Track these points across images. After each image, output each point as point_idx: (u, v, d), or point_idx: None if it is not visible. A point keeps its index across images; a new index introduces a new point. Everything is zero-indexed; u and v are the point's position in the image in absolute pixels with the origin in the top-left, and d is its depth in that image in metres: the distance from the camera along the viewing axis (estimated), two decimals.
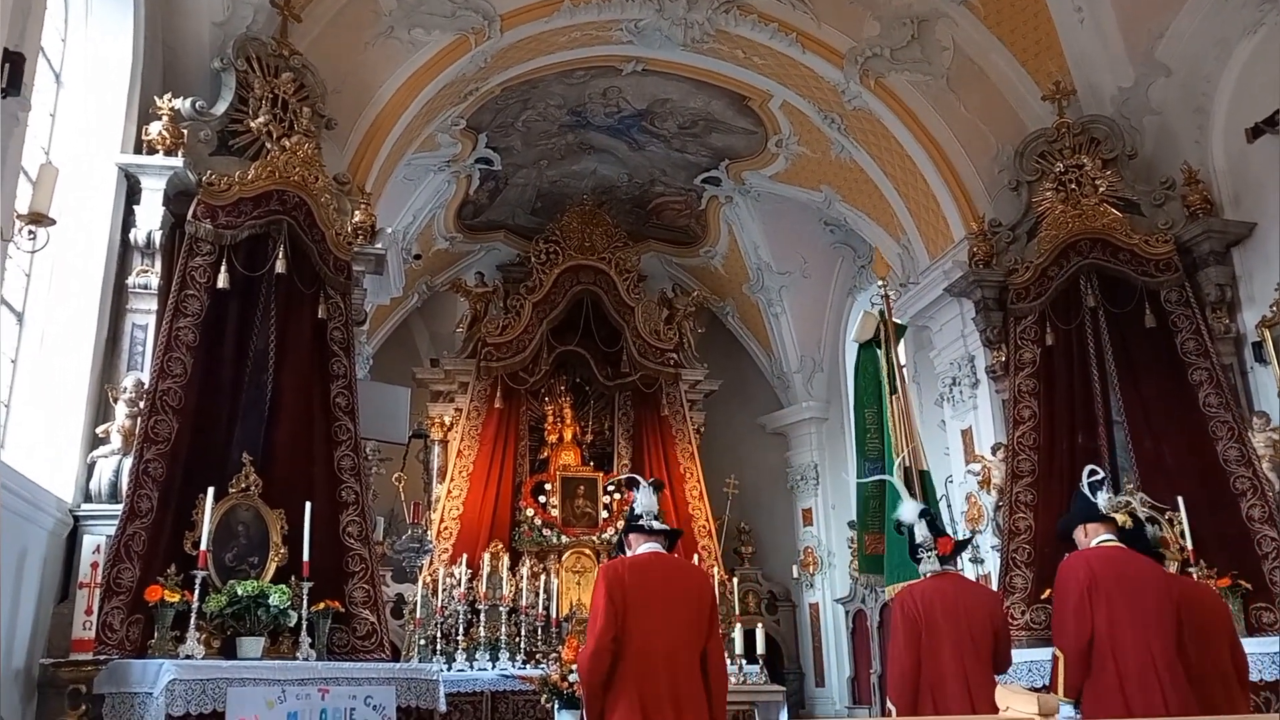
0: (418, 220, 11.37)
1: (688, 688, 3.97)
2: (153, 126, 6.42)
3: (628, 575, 4.07)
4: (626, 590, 4.00)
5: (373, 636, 6.23)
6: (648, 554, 4.25)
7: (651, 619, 3.99)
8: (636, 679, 3.91)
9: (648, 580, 4.08)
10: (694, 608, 4.12)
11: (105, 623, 5.26)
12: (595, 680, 3.94)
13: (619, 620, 3.96)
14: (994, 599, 4.73)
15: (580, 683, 4.10)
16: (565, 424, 12.01)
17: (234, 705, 5.15)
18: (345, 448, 6.63)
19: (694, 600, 4.14)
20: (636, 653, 3.94)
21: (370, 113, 8.05)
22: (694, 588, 4.21)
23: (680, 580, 4.19)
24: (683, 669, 3.99)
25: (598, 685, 3.94)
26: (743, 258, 12.89)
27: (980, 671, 4.37)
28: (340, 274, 6.98)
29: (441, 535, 10.75)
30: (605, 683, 3.94)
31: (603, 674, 3.93)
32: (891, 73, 8.93)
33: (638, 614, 3.98)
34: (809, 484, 13.21)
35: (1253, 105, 7.42)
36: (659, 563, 4.22)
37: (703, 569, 4.47)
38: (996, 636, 4.53)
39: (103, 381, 6.09)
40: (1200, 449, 7.18)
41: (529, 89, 9.82)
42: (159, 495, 5.76)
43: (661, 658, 3.96)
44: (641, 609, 3.99)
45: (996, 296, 8.31)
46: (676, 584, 4.15)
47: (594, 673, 3.94)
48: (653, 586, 4.07)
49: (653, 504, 4.40)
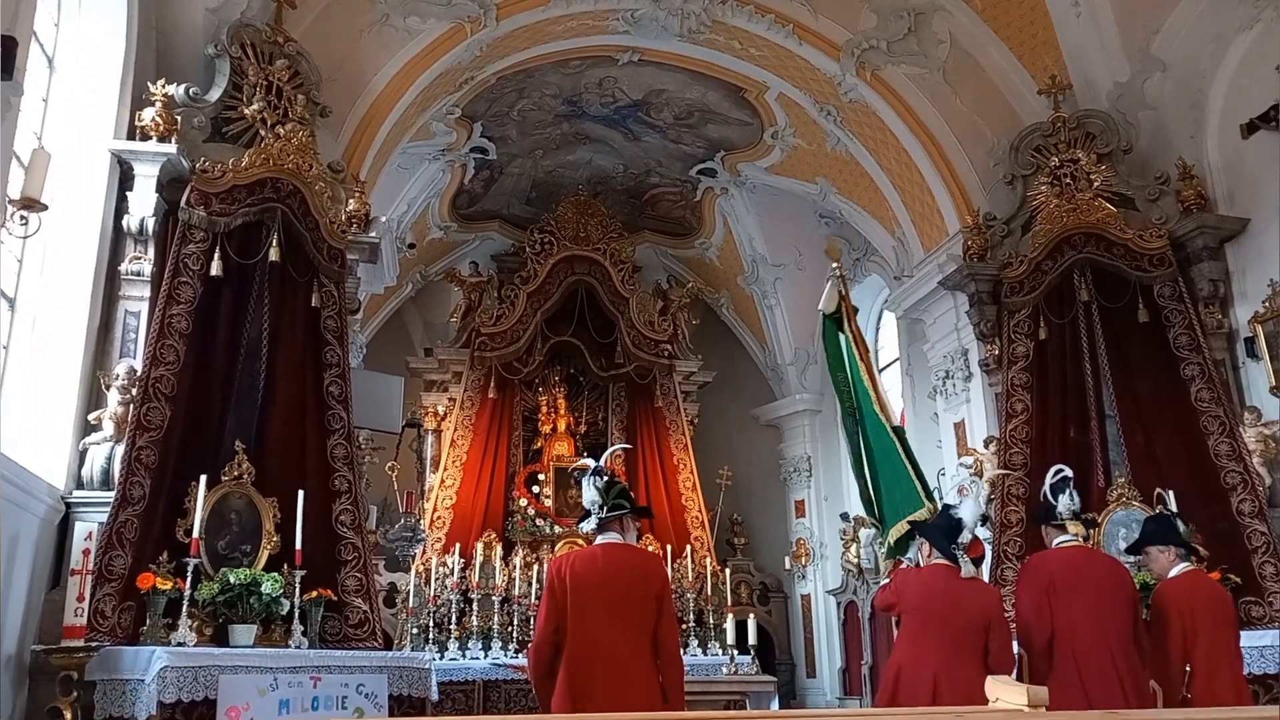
0: (412, 209, 11.34)
1: (627, 675, 4.09)
2: (146, 112, 6.39)
3: (569, 570, 4.25)
4: (566, 585, 4.20)
5: (365, 625, 6.23)
6: (596, 546, 4.39)
7: (591, 610, 4.16)
8: (569, 667, 4.10)
9: (589, 573, 4.23)
10: (639, 596, 4.23)
11: (97, 610, 5.26)
12: (538, 672, 4.24)
13: (558, 615, 4.18)
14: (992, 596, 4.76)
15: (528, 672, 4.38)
16: (559, 414, 12.01)
17: (226, 693, 5.15)
18: (338, 436, 6.62)
19: (639, 588, 4.25)
20: (574, 643, 4.14)
21: (365, 101, 8.02)
22: (639, 576, 4.30)
23: (623, 570, 4.28)
24: (623, 656, 4.12)
25: (541, 675, 4.22)
26: (737, 249, 12.89)
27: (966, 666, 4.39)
28: (334, 262, 6.96)
29: (435, 525, 10.75)
30: (548, 672, 4.18)
31: (545, 665, 4.20)
32: (888, 65, 8.93)
33: (579, 607, 4.16)
34: (802, 476, 13.24)
35: (1248, 101, 7.43)
36: (606, 554, 4.32)
37: (654, 555, 4.54)
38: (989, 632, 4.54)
39: (95, 368, 6.07)
40: (1191, 443, 7.21)
41: (525, 78, 9.79)
42: (151, 483, 5.74)
43: (602, 647, 4.11)
44: (581, 602, 4.17)
45: (990, 290, 8.33)
46: (618, 574, 4.25)
47: (536, 664, 4.25)
48: (593, 578, 4.21)
49: (594, 496, 4.45)
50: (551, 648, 4.17)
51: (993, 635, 4.47)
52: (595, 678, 4.05)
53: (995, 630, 4.49)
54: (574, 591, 4.17)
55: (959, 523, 4.72)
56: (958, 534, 4.70)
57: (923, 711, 3.22)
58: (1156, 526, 5.26)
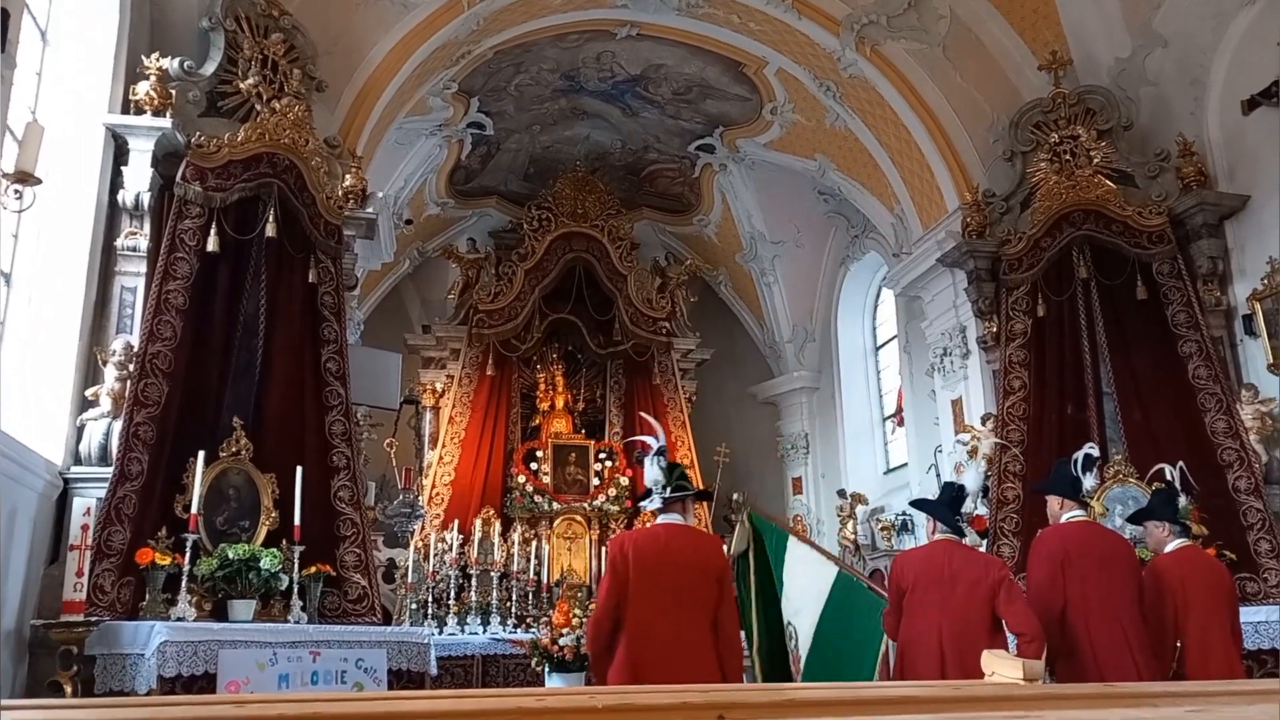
0: (409, 185, 11.28)
1: (688, 655, 4.09)
2: (140, 86, 6.33)
3: (631, 548, 4.25)
4: (629, 562, 4.19)
5: (364, 600, 6.25)
6: (660, 525, 4.41)
7: (653, 589, 4.16)
8: (631, 644, 4.10)
9: (654, 552, 4.24)
10: (701, 578, 4.24)
11: (96, 585, 5.27)
12: (597, 645, 4.24)
13: (620, 591, 4.18)
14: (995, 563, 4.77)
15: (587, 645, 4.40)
16: (557, 391, 12.02)
17: (225, 667, 5.18)
18: (336, 413, 6.61)
19: (698, 570, 4.25)
20: (635, 620, 4.13)
21: (361, 75, 7.96)
22: (702, 559, 4.31)
23: (687, 552, 4.29)
24: (684, 635, 4.13)
25: (600, 649, 4.23)
26: (736, 226, 12.85)
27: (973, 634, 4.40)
28: (331, 238, 6.93)
29: (433, 501, 10.78)
30: (607, 647, 4.18)
31: (604, 639, 4.20)
32: (888, 40, 8.87)
33: (641, 585, 4.16)
34: (799, 453, 13.27)
35: (1249, 77, 7.39)
36: (668, 534, 4.33)
37: (715, 538, 4.56)
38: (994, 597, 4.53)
39: (91, 344, 6.05)
40: (1188, 420, 7.23)
41: (522, 53, 9.71)
42: (149, 458, 5.74)
43: (662, 626, 4.11)
44: (645, 580, 4.17)
45: (989, 267, 8.31)
46: (682, 556, 4.26)
47: (595, 639, 4.25)
48: (658, 558, 4.22)
49: (658, 475, 4.47)
50: (612, 622, 4.18)
51: (1003, 598, 4.42)
52: (655, 656, 4.06)
53: (1005, 593, 4.45)
54: (637, 569, 4.18)
55: (962, 490, 4.78)
56: (961, 503, 4.74)
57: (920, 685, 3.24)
58: (1157, 501, 5.30)
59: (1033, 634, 4.35)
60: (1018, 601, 4.47)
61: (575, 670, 6.92)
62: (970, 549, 4.67)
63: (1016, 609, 4.42)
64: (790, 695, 1.07)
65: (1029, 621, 4.38)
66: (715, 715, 1.06)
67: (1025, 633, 4.34)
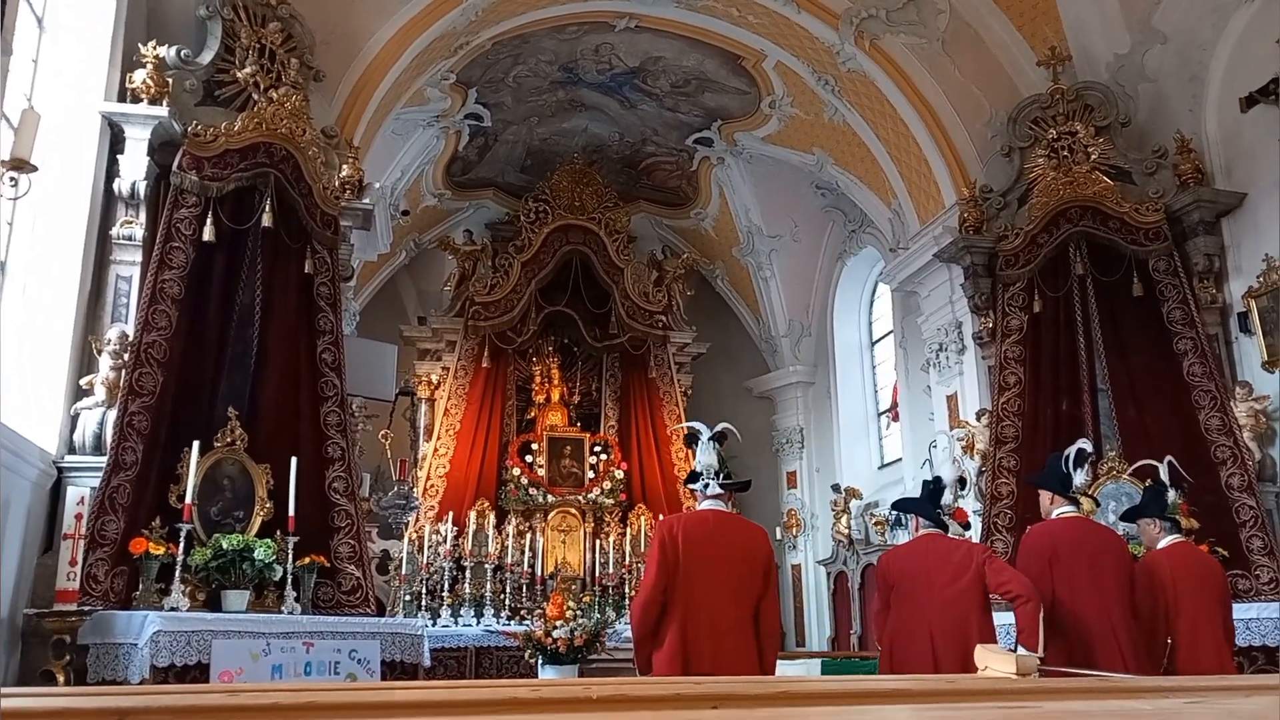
0: (406, 176, 11.25)
1: (733, 641, 4.07)
2: (137, 74, 6.31)
3: (680, 531, 4.19)
4: (679, 546, 4.14)
5: (358, 592, 6.26)
6: (707, 510, 4.35)
7: (702, 574, 4.11)
8: (681, 629, 4.05)
9: (702, 536, 4.20)
10: (747, 565, 4.20)
11: (89, 574, 5.26)
12: (644, 630, 4.15)
13: (668, 574, 4.11)
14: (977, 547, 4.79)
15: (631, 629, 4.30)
16: (552, 384, 12.01)
17: (219, 657, 5.18)
18: (331, 404, 6.61)
19: (747, 558, 4.22)
20: (684, 605, 4.08)
21: (359, 65, 7.93)
22: (748, 546, 4.27)
23: (736, 538, 4.26)
24: (729, 623, 4.09)
25: (646, 634, 4.14)
26: (733, 220, 12.83)
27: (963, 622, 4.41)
28: (327, 229, 6.92)
29: (428, 493, 10.78)
30: (654, 631, 4.12)
31: (651, 623, 4.12)
32: (887, 35, 8.85)
33: (689, 569, 4.11)
34: (794, 447, 13.27)
35: (1248, 74, 7.39)
36: (716, 520, 4.29)
37: (762, 529, 4.53)
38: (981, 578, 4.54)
39: (86, 333, 6.04)
40: (1183, 417, 7.24)
41: (520, 44, 9.68)
42: (143, 448, 5.74)
43: (708, 611, 4.08)
44: (693, 564, 4.12)
45: (985, 263, 8.31)
46: (730, 542, 4.23)
47: (643, 623, 4.15)
48: (706, 543, 4.18)
49: (713, 460, 4.44)
50: (659, 606, 4.11)
51: (989, 572, 4.43)
52: (706, 644, 4.02)
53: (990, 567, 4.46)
54: (686, 553, 4.12)
55: (939, 481, 4.77)
56: (940, 495, 4.74)
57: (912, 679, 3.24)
58: (1148, 498, 5.31)
59: (1028, 594, 4.36)
60: (1005, 570, 4.50)
61: (569, 663, 6.93)
62: (952, 540, 4.67)
63: (1005, 577, 4.44)
64: (784, 687, 1.07)
65: (1022, 584, 4.39)
66: (710, 706, 1.06)
67: (1020, 594, 4.36)
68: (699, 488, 4.41)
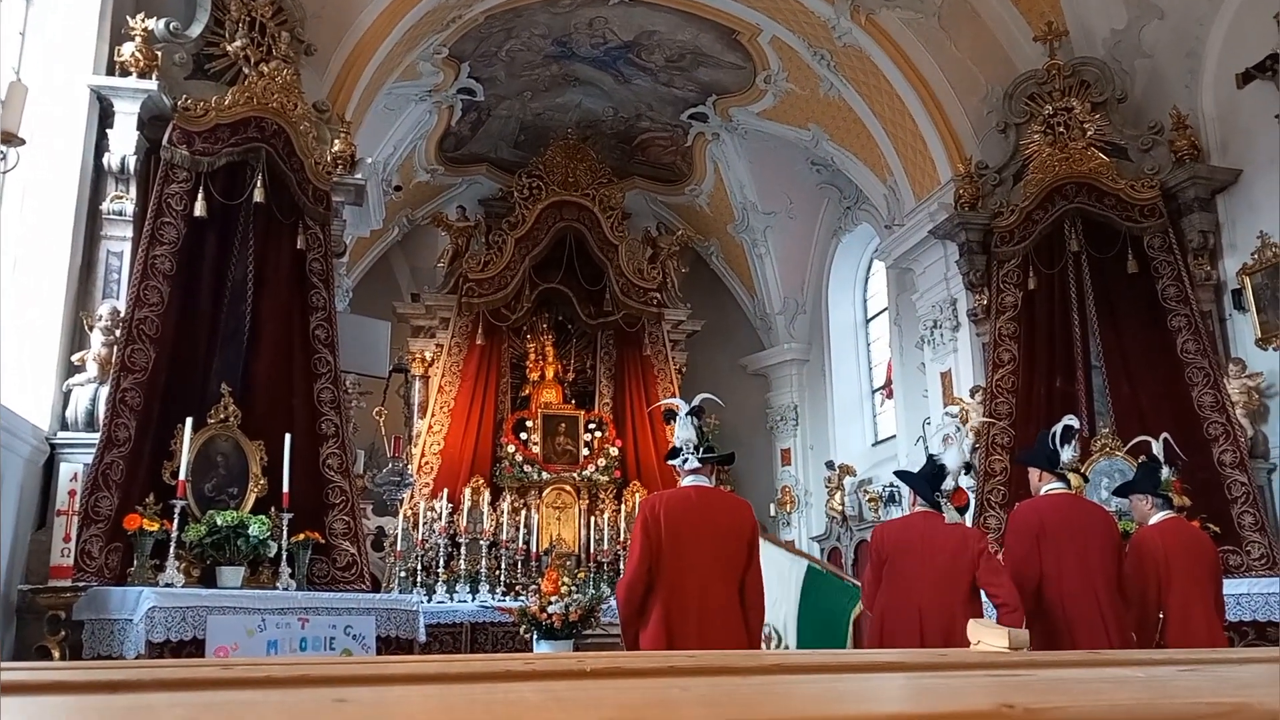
0: (398, 151, 11.18)
1: (720, 618, 4.06)
2: (125, 47, 6.24)
3: (663, 509, 4.17)
4: (661, 524, 4.12)
5: (353, 568, 6.26)
6: (689, 487, 4.32)
7: (686, 551, 4.10)
8: (666, 607, 4.04)
9: (685, 513, 4.17)
10: (731, 540, 4.19)
11: (84, 550, 5.27)
12: (630, 608, 4.13)
13: (652, 552, 4.10)
14: (973, 534, 4.80)
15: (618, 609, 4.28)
16: (547, 362, 12.00)
17: (214, 633, 5.19)
18: (325, 380, 6.59)
19: (731, 533, 4.21)
20: (669, 583, 4.07)
21: (350, 39, 7.85)
22: (732, 521, 4.26)
23: (719, 514, 4.24)
24: (716, 599, 4.09)
25: (632, 613, 4.13)
26: (728, 197, 12.79)
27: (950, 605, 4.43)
28: (319, 204, 6.87)
29: (422, 470, 10.78)
30: (640, 610, 4.10)
31: (636, 602, 4.11)
32: (883, 9, 8.79)
33: (673, 546, 4.10)
34: (788, 425, 13.30)
35: (1244, 50, 7.36)
36: (698, 496, 4.27)
37: (745, 502, 4.50)
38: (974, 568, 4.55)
39: (77, 309, 6.01)
40: (1176, 394, 7.26)
41: (513, 17, 9.60)
42: (137, 424, 5.72)
43: (694, 587, 4.07)
44: (677, 541, 4.11)
45: (980, 240, 8.30)
46: (714, 517, 4.21)
47: (628, 602, 4.13)
48: (689, 519, 4.16)
49: (691, 435, 4.39)
50: (644, 585, 4.10)
51: (983, 569, 4.44)
52: (690, 620, 4.02)
53: (983, 564, 4.46)
54: (669, 531, 4.11)
55: (942, 469, 4.76)
56: (941, 480, 4.73)
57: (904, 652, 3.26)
58: (1140, 475, 5.33)
59: (1014, 604, 4.37)
60: (999, 573, 4.49)
61: (564, 638, 6.97)
62: (949, 525, 4.67)
63: (998, 580, 4.44)
64: (777, 660, 1.07)
65: (1010, 592, 4.39)
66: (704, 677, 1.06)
67: (1008, 603, 4.36)
68: (678, 463, 4.38)
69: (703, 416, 4.54)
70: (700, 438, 4.40)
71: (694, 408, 4.52)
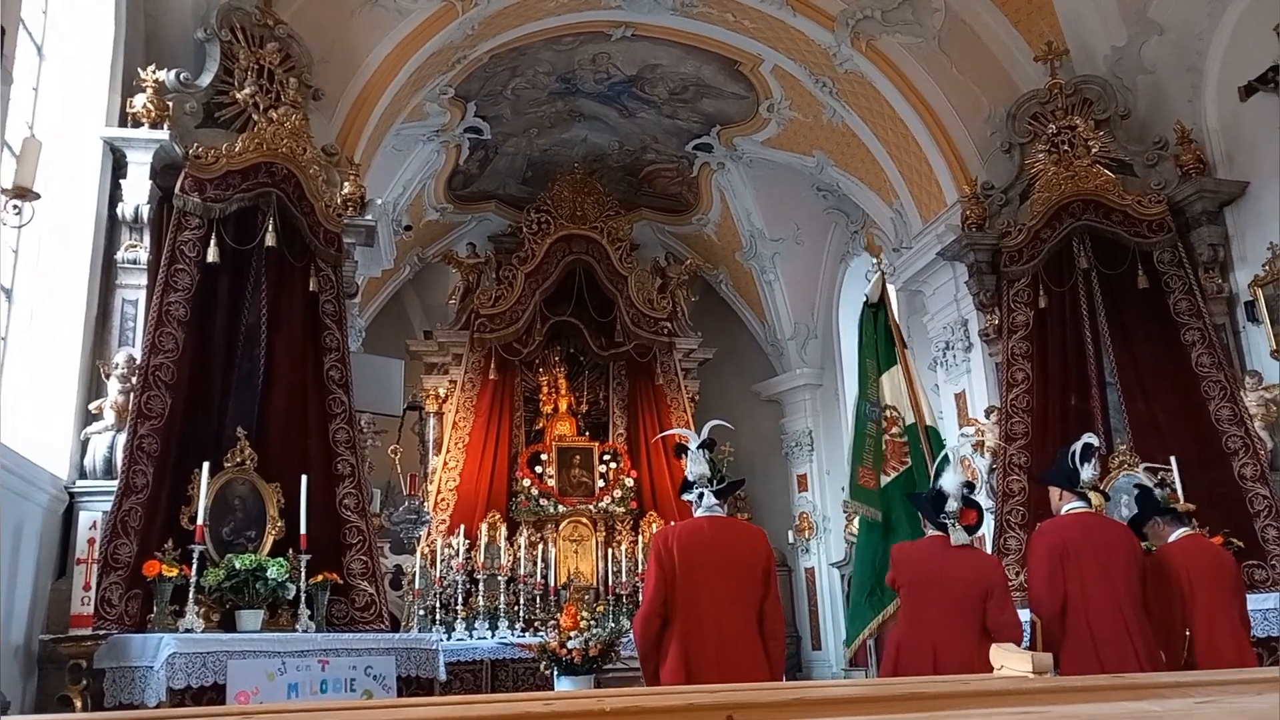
0: (408, 191, 11.28)
1: (738, 648, 4.05)
2: (137, 99, 6.34)
3: (676, 542, 4.17)
4: (675, 556, 4.12)
5: (371, 608, 6.25)
6: (702, 518, 4.32)
7: (701, 582, 4.09)
8: (684, 639, 4.04)
9: (699, 545, 4.17)
10: (746, 570, 4.18)
11: (104, 598, 5.28)
12: (647, 642, 4.13)
13: (667, 585, 4.10)
14: (989, 565, 4.76)
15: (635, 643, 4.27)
16: (560, 394, 12.02)
17: (234, 677, 5.18)
18: (340, 420, 6.62)
19: (746, 562, 4.19)
20: (685, 615, 4.07)
21: (358, 82, 7.96)
22: (747, 551, 4.24)
23: (733, 544, 4.23)
24: (734, 630, 4.07)
25: (650, 647, 4.13)
26: (735, 225, 12.84)
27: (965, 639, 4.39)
28: (331, 246, 6.94)
29: (439, 506, 10.78)
30: (657, 643, 4.10)
31: (653, 636, 4.11)
32: (883, 35, 8.85)
33: (688, 578, 4.09)
34: (804, 450, 13.26)
35: (1246, 63, 7.37)
36: (711, 527, 4.26)
37: (759, 531, 4.48)
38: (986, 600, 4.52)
39: (94, 357, 6.06)
40: (1193, 409, 7.21)
41: (517, 56, 9.71)
42: (154, 471, 5.75)
43: (711, 619, 4.06)
44: (691, 573, 4.10)
45: (989, 260, 8.29)
46: (728, 548, 4.20)
47: (645, 636, 4.13)
48: (704, 551, 4.15)
49: (704, 469, 4.40)
50: (661, 619, 4.10)
51: (992, 603, 4.41)
52: (708, 654, 4.00)
53: (995, 598, 4.43)
54: (683, 564, 4.10)
55: (940, 492, 4.74)
56: (943, 504, 4.71)
57: (927, 680, 3.24)
58: (1141, 504, 5.29)
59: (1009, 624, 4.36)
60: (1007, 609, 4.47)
61: (584, 673, 6.92)
62: (960, 549, 4.63)
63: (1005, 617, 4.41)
64: (798, 694, 1.07)
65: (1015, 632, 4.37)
66: (724, 716, 1.06)
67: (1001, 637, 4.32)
68: (693, 498, 4.38)
69: (714, 449, 4.54)
70: (713, 470, 4.41)
71: (705, 441, 4.52)
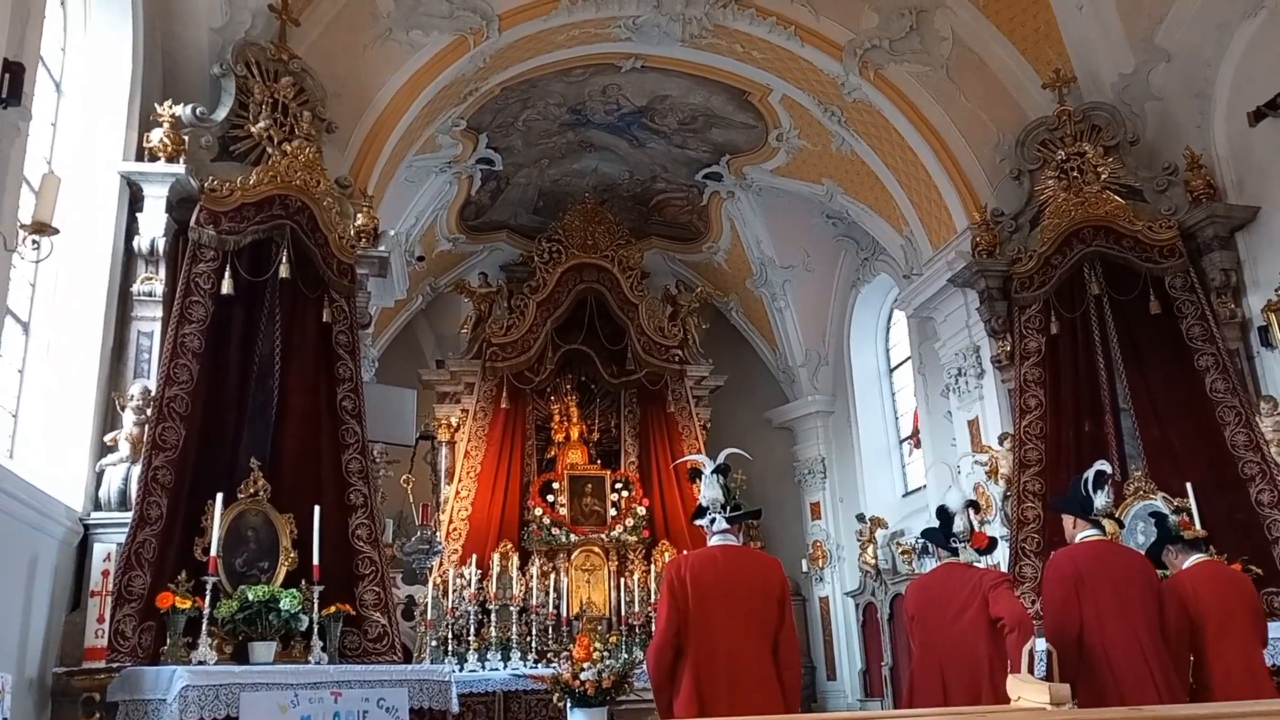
0: (420, 222, 11.36)
1: (753, 678, 3.99)
2: (154, 134, 6.43)
3: (689, 571, 4.12)
4: (688, 586, 4.08)
5: (384, 639, 6.24)
6: (715, 547, 4.27)
7: (714, 612, 4.05)
8: (697, 670, 3.99)
9: (712, 575, 4.12)
10: (760, 600, 4.13)
11: (117, 630, 5.28)
12: (660, 673, 4.08)
13: (680, 616, 4.06)
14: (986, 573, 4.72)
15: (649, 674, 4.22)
16: (571, 423, 12.01)
17: (247, 710, 5.16)
18: (353, 450, 6.63)
19: (759, 592, 4.14)
20: (698, 645, 4.02)
21: (370, 115, 8.05)
22: (761, 580, 4.19)
23: (746, 573, 4.18)
24: (748, 660, 4.02)
25: (663, 678, 4.07)
26: (745, 253, 12.87)
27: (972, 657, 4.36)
28: (344, 277, 6.99)
29: (451, 536, 10.76)
30: (671, 675, 4.05)
31: (667, 667, 4.06)
32: (891, 64, 8.91)
33: (701, 608, 4.05)
34: (816, 477, 13.19)
35: (1254, 88, 7.39)
36: (724, 556, 4.21)
37: (774, 560, 4.42)
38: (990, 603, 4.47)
39: (109, 390, 6.11)
40: (1208, 434, 7.17)
41: (528, 88, 9.81)
42: (168, 502, 5.77)
43: (724, 650, 4.01)
44: (704, 603, 4.05)
45: (1000, 286, 8.30)
46: (741, 576, 4.15)
47: (659, 667, 4.08)
48: (717, 581, 4.10)
49: (717, 494, 4.35)
50: (674, 650, 4.05)
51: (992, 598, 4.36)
52: (722, 685, 3.95)
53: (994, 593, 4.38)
54: (695, 594, 4.06)
55: (943, 509, 4.73)
56: (950, 523, 4.69)
57: (946, 711, 3.21)
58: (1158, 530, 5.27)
59: (1013, 623, 4.30)
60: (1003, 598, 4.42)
61: (597, 705, 6.88)
62: (968, 568, 4.61)
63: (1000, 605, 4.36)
64: None
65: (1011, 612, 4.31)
66: None
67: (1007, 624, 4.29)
68: (705, 523, 4.33)
69: (729, 474, 4.50)
70: (727, 496, 4.36)
71: (719, 466, 4.48)
